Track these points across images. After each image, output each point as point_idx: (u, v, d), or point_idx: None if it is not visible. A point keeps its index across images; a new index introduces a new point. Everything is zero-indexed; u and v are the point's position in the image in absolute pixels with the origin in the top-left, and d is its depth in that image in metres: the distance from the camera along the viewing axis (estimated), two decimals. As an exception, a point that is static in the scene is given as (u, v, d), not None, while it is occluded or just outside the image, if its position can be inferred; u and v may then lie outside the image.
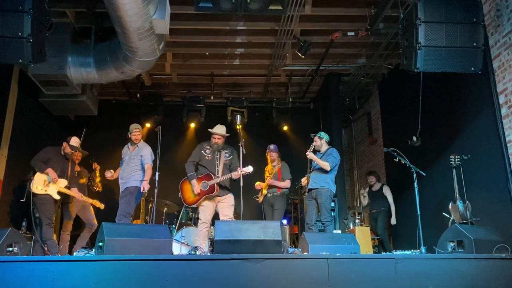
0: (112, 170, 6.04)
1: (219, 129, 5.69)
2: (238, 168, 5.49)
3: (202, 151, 5.70)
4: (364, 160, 9.62)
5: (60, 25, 6.24)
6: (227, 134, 5.74)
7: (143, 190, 5.63)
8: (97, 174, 6.98)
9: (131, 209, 5.63)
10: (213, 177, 5.53)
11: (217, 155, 5.67)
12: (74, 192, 5.89)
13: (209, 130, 5.76)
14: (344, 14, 6.56)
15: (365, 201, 7.62)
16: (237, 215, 6.56)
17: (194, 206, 5.63)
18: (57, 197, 5.66)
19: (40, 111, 7.32)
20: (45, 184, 5.61)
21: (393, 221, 7.13)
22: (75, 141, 5.97)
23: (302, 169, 6.31)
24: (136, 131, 5.90)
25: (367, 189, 7.63)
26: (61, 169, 5.81)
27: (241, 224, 3.99)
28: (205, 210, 5.54)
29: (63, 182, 5.78)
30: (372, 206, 7.46)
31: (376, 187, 7.47)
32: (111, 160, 7.26)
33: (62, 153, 5.91)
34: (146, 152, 5.81)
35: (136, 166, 5.77)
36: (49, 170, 5.62)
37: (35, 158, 5.71)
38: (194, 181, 5.52)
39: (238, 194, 5.51)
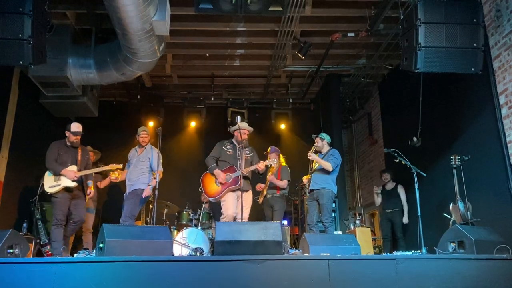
0: (116, 173, 5.98)
1: (246, 125, 5.75)
2: (262, 162, 5.58)
3: (223, 147, 5.69)
4: (364, 160, 9.62)
5: (61, 26, 6.24)
6: (252, 129, 5.84)
7: (145, 195, 5.66)
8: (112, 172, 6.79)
9: (136, 211, 5.68)
10: (236, 169, 5.49)
11: (238, 150, 5.64)
12: (88, 170, 5.66)
13: (233, 127, 5.75)
14: (344, 15, 6.57)
15: (378, 200, 7.35)
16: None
17: (216, 199, 5.51)
18: (73, 184, 5.43)
19: (40, 112, 7.32)
20: (55, 180, 5.44)
21: (405, 220, 6.91)
22: (76, 126, 5.66)
23: (302, 170, 6.31)
24: (143, 134, 5.93)
25: (381, 187, 7.39)
26: (71, 161, 5.58)
27: (242, 225, 4.00)
28: (229, 204, 5.44)
29: (73, 168, 5.51)
30: (386, 206, 7.20)
31: (390, 186, 7.25)
32: (112, 162, 7.25)
33: (68, 143, 5.63)
34: (154, 156, 5.82)
35: (144, 168, 5.79)
36: (65, 172, 5.41)
37: (48, 160, 5.48)
38: (217, 171, 5.47)
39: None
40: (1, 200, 6.14)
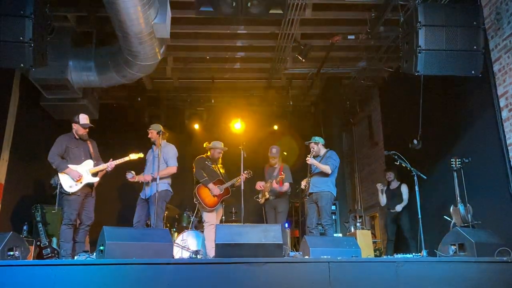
0: (133, 172, 5.75)
1: (220, 145, 6.28)
2: (243, 173, 5.96)
3: (206, 162, 6.19)
4: (365, 163, 9.61)
5: (61, 29, 6.27)
6: (225, 148, 6.35)
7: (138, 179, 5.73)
8: None
9: (163, 214, 5.81)
10: (224, 181, 6.09)
11: (215, 165, 6.26)
12: (106, 164, 5.31)
13: (210, 145, 6.26)
14: (345, 18, 6.57)
15: (383, 199, 7.15)
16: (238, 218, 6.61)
17: (214, 209, 5.95)
18: (95, 179, 5.23)
19: (41, 115, 7.33)
20: (76, 180, 5.09)
21: (398, 208, 6.73)
22: (84, 117, 5.33)
23: (302, 173, 6.31)
24: (148, 130, 5.90)
25: (385, 187, 7.22)
26: (84, 154, 5.30)
27: (242, 228, 3.99)
28: (216, 214, 6.00)
29: (89, 163, 5.24)
30: (391, 206, 6.99)
31: (394, 185, 7.09)
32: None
33: (77, 136, 5.30)
34: (169, 151, 5.85)
35: (162, 165, 5.68)
36: (69, 171, 5.05)
37: (52, 154, 5.12)
38: (211, 185, 5.98)
39: (239, 198, 5.56)
40: (1, 202, 6.14)
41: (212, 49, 7.56)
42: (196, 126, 9.36)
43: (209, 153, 6.29)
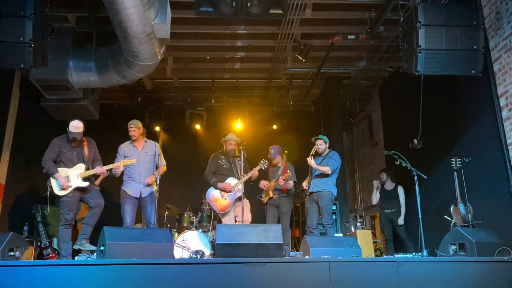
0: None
1: (232, 136, 6.13)
2: (254, 168, 5.86)
3: (219, 161, 6.03)
4: (365, 163, 9.62)
5: (62, 29, 6.27)
6: (239, 139, 6.14)
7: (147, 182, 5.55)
8: None
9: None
10: (236, 178, 5.89)
11: (232, 163, 6.03)
12: (96, 169, 5.29)
13: (223, 138, 6.14)
14: (345, 18, 6.58)
15: (376, 196, 7.22)
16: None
17: (226, 212, 5.81)
18: (85, 184, 5.20)
19: (41, 115, 7.33)
20: (63, 188, 5.13)
21: (401, 221, 6.81)
22: (73, 126, 5.23)
23: (303, 172, 6.31)
24: (130, 128, 5.74)
25: (380, 187, 7.27)
26: (77, 157, 5.32)
27: (242, 228, 4.00)
28: (230, 219, 5.82)
29: (80, 167, 5.25)
30: (386, 206, 7.08)
31: (390, 186, 7.15)
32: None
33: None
34: (158, 150, 5.74)
35: (152, 164, 5.64)
36: (57, 175, 5.11)
37: (46, 158, 5.20)
38: (221, 184, 5.80)
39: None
40: (2, 203, 6.14)
41: (212, 49, 7.57)
42: (197, 127, 9.38)
43: (223, 148, 6.18)
